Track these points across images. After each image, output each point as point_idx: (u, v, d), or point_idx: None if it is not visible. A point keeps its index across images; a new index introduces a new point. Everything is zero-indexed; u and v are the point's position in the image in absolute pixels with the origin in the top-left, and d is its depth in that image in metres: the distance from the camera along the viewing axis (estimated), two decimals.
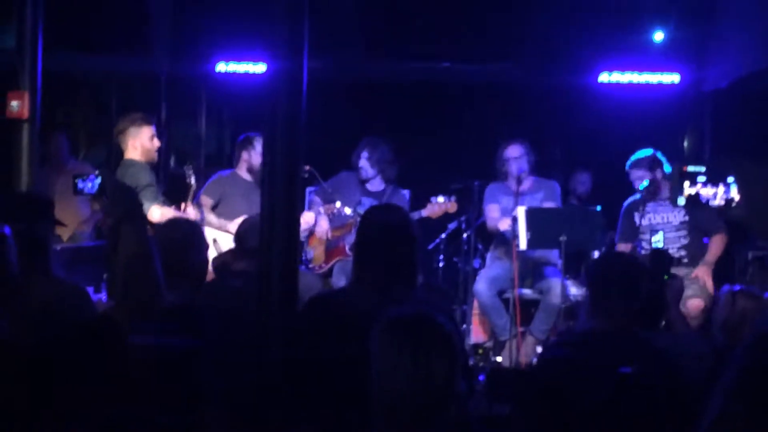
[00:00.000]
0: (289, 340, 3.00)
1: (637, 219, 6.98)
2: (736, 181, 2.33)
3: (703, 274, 6.77)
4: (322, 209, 7.26)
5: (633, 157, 7.06)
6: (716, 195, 2.45)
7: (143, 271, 3.29)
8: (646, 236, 6.95)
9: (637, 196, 7.03)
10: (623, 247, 7.05)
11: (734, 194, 2.39)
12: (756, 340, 1.85)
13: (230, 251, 4.78)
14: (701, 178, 2.46)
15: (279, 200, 2.95)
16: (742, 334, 4.16)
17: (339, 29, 8.30)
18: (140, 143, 6.69)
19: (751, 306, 4.63)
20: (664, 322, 4.43)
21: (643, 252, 6.80)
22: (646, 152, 7.03)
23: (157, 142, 6.77)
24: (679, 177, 2.47)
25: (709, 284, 6.76)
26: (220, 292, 3.87)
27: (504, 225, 7.16)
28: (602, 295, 3.62)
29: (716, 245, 6.87)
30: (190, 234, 3.87)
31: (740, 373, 1.74)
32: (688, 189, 2.46)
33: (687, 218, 6.86)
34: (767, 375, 1.70)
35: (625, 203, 7.20)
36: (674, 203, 6.77)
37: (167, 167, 8.92)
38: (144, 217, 3.63)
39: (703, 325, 6.51)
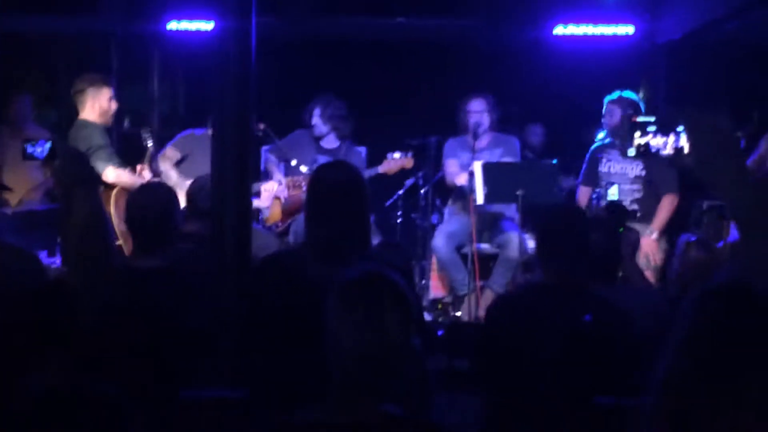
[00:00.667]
0: (244, 301, 2.98)
1: (600, 164, 6.92)
2: (686, 131, 2.32)
3: (648, 247, 6.56)
4: (284, 181, 7.18)
5: (619, 93, 6.94)
6: (666, 144, 2.45)
7: (95, 236, 3.25)
8: (603, 184, 6.90)
9: (605, 140, 6.99)
10: (584, 190, 7.00)
11: (684, 143, 2.39)
12: (701, 295, 1.84)
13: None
14: (651, 128, 2.45)
15: (230, 160, 2.92)
16: (695, 285, 4.18)
17: None
18: (99, 104, 6.61)
19: (705, 257, 4.67)
20: (620, 275, 4.46)
21: (595, 202, 6.79)
22: (632, 95, 6.97)
23: (114, 105, 6.70)
24: (630, 127, 2.46)
25: (656, 258, 6.68)
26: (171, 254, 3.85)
27: (461, 180, 7.15)
28: (550, 249, 3.61)
29: (665, 209, 6.71)
30: (167, 199, 3.83)
31: (687, 328, 1.74)
32: (638, 139, 2.45)
33: (644, 173, 6.76)
34: (713, 331, 1.70)
35: (593, 146, 7.11)
36: (624, 155, 6.74)
37: (120, 129, 8.80)
38: (96, 181, 3.58)
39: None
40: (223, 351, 2.94)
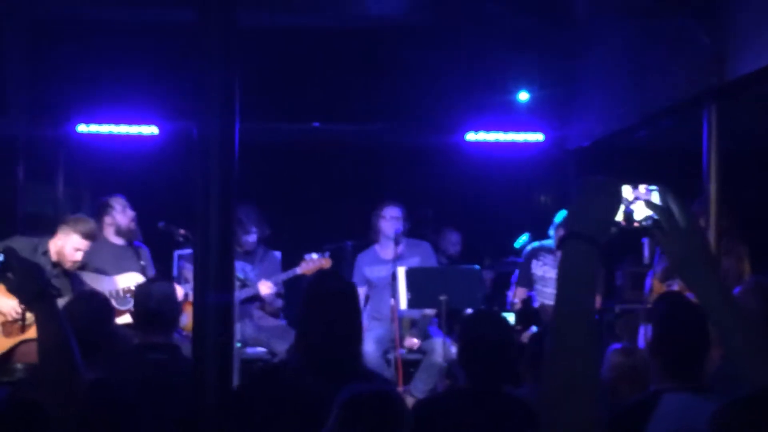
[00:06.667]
0: (228, 420, 2.87)
1: (534, 267, 7.01)
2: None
3: None
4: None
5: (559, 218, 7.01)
6: None
7: (59, 351, 3.11)
8: (539, 286, 6.98)
9: (539, 242, 7.08)
10: (520, 292, 7.06)
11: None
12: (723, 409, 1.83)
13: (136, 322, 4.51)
14: None
15: (212, 274, 2.83)
16: (619, 390, 4.21)
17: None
18: (60, 246, 6.29)
19: (626, 362, 4.69)
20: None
21: (536, 304, 6.83)
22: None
23: (78, 257, 6.37)
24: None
25: None
26: (140, 366, 3.72)
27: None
28: (472, 355, 3.62)
29: None
30: (99, 307, 3.71)
31: None
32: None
33: None
34: None
35: (527, 248, 7.24)
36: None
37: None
38: (56, 295, 3.43)
39: None
40: None
